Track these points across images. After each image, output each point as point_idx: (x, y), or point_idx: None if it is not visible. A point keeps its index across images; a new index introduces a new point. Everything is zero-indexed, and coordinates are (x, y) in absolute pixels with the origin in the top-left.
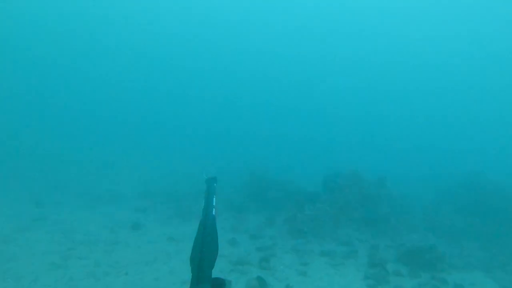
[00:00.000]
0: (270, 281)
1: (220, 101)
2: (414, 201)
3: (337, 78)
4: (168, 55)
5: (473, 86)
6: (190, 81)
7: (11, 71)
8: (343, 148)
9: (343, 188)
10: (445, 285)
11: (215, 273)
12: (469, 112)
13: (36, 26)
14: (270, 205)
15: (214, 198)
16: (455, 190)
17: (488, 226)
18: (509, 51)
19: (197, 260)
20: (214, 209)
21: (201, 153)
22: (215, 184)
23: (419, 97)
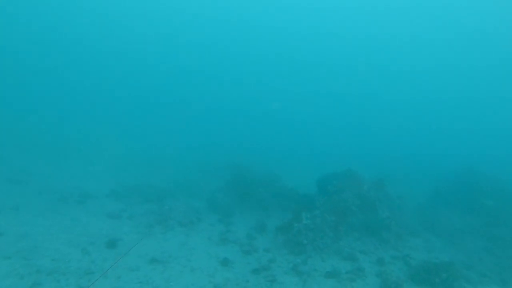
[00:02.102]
0: None
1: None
2: (410, 201)
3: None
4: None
5: (466, 79)
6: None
7: None
8: (331, 144)
9: (341, 191)
10: None
11: None
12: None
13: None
14: (258, 206)
15: None
16: (450, 188)
17: (489, 226)
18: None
19: None
20: None
21: (177, 139)
22: None
23: (410, 92)
